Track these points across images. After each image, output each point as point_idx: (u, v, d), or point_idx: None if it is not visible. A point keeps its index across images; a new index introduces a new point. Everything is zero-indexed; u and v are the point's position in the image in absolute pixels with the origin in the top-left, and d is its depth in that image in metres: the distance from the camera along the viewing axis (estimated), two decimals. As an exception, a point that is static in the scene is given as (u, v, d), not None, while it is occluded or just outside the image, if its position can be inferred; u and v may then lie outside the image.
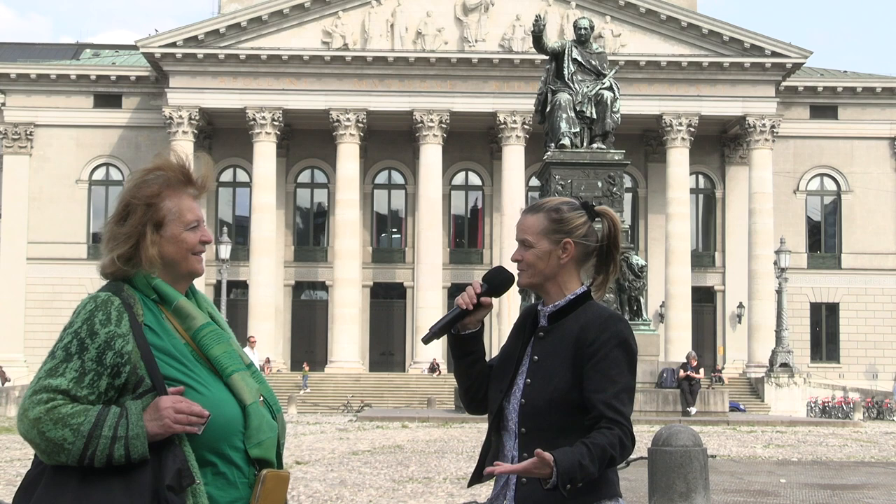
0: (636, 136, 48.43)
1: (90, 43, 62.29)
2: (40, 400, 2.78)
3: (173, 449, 2.81)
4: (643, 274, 25.72)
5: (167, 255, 3.00)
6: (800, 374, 42.87)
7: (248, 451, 2.94)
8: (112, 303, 2.89)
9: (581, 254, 3.37)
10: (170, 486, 2.77)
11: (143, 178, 3.03)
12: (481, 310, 3.37)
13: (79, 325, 2.86)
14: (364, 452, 16.04)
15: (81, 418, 2.76)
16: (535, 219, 3.36)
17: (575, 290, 3.36)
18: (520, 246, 3.38)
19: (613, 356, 3.20)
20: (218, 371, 2.97)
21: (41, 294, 48.80)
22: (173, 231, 3.00)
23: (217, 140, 50.23)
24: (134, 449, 2.76)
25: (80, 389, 2.80)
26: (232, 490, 2.91)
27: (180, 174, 3.05)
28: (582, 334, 3.24)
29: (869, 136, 51.06)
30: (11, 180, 49.46)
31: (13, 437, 19.25)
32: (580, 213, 3.37)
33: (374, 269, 49.59)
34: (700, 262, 50.19)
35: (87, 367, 2.81)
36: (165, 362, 2.90)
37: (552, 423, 3.20)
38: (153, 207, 2.99)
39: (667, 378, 25.67)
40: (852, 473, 14.09)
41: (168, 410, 2.79)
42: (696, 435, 8.09)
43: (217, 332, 3.02)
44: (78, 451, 2.75)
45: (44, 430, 2.76)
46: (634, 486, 11.33)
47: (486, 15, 47.36)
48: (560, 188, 26.02)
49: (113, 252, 2.98)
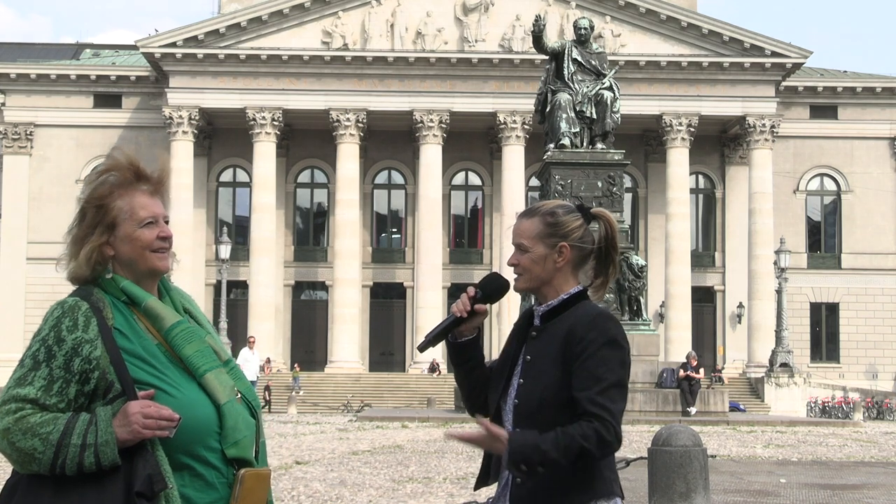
0: (636, 136, 48.43)
1: (90, 43, 62.30)
2: (9, 410, 2.75)
3: (144, 454, 2.78)
4: (643, 274, 25.72)
5: (123, 254, 2.97)
6: (800, 374, 42.88)
7: (224, 451, 2.89)
8: (79, 308, 2.86)
9: (577, 257, 3.38)
10: (139, 492, 2.74)
11: (96, 180, 2.99)
12: (476, 317, 3.38)
13: (46, 332, 2.83)
14: (364, 452, 16.04)
15: (50, 427, 2.73)
16: (531, 223, 3.36)
17: (569, 290, 3.36)
18: (516, 250, 3.38)
19: (601, 354, 3.18)
20: (191, 371, 2.92)
21: (41, 294, 48.75)
22: (126, 230, 2.96)
23: (217, 140, 50.23)
24: (104, 456, 2.73)
25: (48, 398, 2.77)
26: (211, 491, 2.88)
27: (130, 172, 2.99)
28: (570, 333, 3.23)
29: (869, 136, 51.07)
30: (11, 180, 49.47)
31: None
32: (576, 216, 3.38)
33: (374, 269, 49.59)
34: (700, 262, 50.19)
35: (56, 374, 2.78)
36: (136, 365, 2.86)
37: (545, 423, 3.18)
38: (103, 208, 2.96)
39: (667, 378, 25.66)
40: (852, 473, 14.09)
41: (136, 416, 2.75)
42: (696, 435, 8.09)
43: (189, 330, 2.96)
44: (48, 460, 2.72)
45: (14, 441, 2.73)
46: (634, 486, 11.34)
47: (486, 15, 47.36)
48: (560, 188, 26.02)
49: (71, 257, 2.97)
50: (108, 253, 2.96)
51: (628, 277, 25.30)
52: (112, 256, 2.97)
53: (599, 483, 3.21)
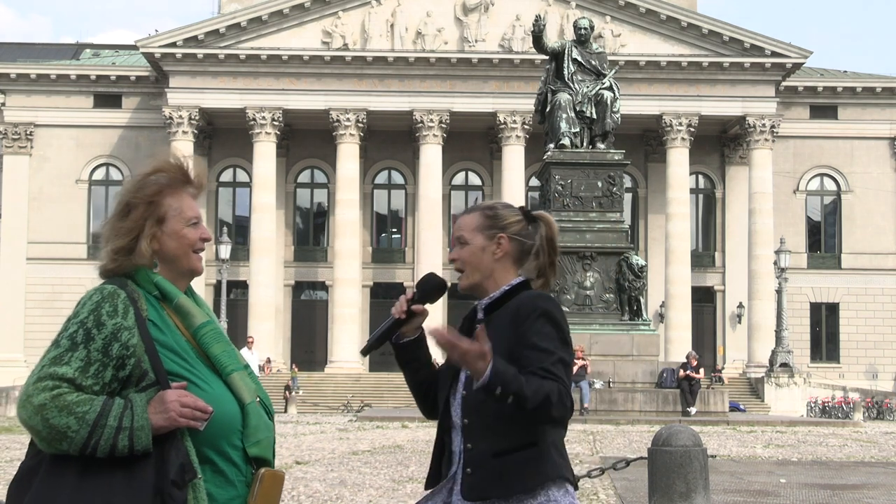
0: (636, 136, 48.43)
1: (90, 43, 62.29)
2: (45, 387, 2.76)
3: (176, 443, 2.82)
4: (643, 274, 25.73)
5: (169, 250, 3.02)
6: (800, 374, 42.88)
7: (246, 450, 2.94)
8: (118, 295, 2.89)
9: (517, 250, 3.41)
10: (173, 480, 2.78)
11: (144, 180, 3.04)
12: (416, 317, 3.42)
13: (85, 315, 2.86)
14: (364, 452, 16.04)
15: (87, 406, 2.75)
16: (471, 217, 3.43)
17: (510, 281, 3.40)
18: (456, 245, 3.44)
19: (545, 332, 3.23)
20: (217, 369, 2.97)
21: (41, 294, 48.79)
22: (174, 226, 3.01)
23: (217, 140, 50.23)
24: (138, 440, 2.76)
25: (85, 379, 2.79)
26: (230, 488, 2.92)
27: (180, 174, 3.07)
28: (514, 318, 3.27)
29: (869, 136, 51.06)
30: (11, 180, 49.46)
31: (13, 437, 19.25)
32: (515, 212, 3.43)
33: (374, 269, 49.59)
34: (700, 262, 50.19)
35: (93, 357, 2.81)
36: (168, 357, 2.91)
37: (494, 413, 3.20)
38: (154, 204, 3.01)
39: (667, 378, 25.67)
40: (852, 473, 14.09)
41: (174, 403, 2.79)
42: (696, 435, 8.09)
43: (217, 330, 3.03)
44: (81, 439, 2.74)
45: (48, 417, 2.74)
46: (634, 486, 11.34)
47: (486, 15, 47.36)
48: (560, 188, 26.05)
49: (113, 245, 2.98)
50: (154, 247, 3.00)
51: (628, 277, 25.31)
52: (156, 251, 3.01)
53: (550, 467, 3.24)
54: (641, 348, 25.61)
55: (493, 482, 3.20)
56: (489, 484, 3.21)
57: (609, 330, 25.52)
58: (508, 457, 3.21)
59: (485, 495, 3.21)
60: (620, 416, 24.07)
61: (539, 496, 3.22)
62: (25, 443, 10.72)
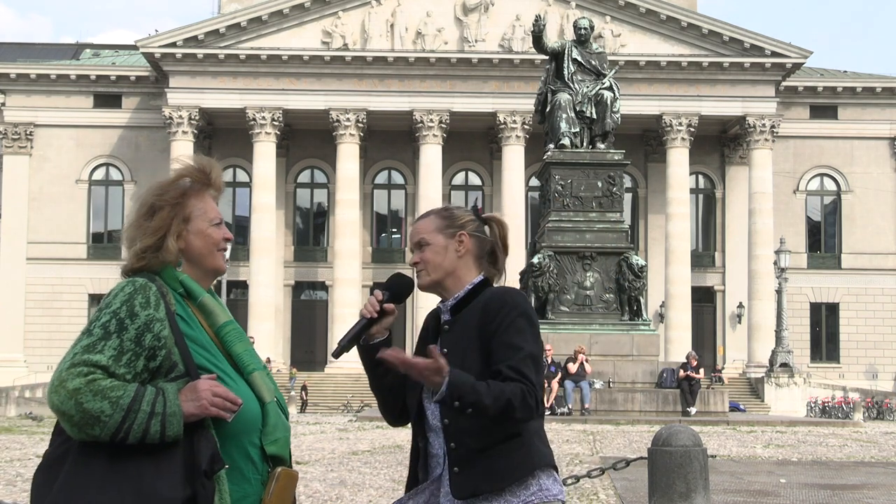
0: (636, 136, 48.44)
1: (90, 43, 62.28)
2: (80, 372, 2.79)
3: (205, 433, 2.86)
4: (643, 274, 25.70)
5: (195, 249, 3.09)
6: (800, 374, 42.88)
7: (263, 448, 2.99)
8: (150, 288, 2.94)
9: (477, 248, 3.47)
10: (205, 470, 2.82)
11: (169, 184, 3.12)
12: (386, 317, 3.46)
13: (118, 305, 2.89)
14: (364, 452, 16.04)
15: (121, 392, 2.78)
16: (427, 220, 3.50)
17: (473, 280, 3.45)
18: (415, 250, 3.50)
19: (516, 325, 3.26)
20: (239, 368, 3.04)
21: (41, 294, 48.80)
22: (200, 226, 3.09)
23: (217, 140, 50.23)
24: (170, 426, 2.80)
25: (118, 367, 2.83)
26: (245, 485, 2.96)
27: (203, 176, 3.14)
28: (484, 314, 3.31)
29: (869, 136, 51.07)
30: (11, 180, 49.46)
31: (13, 437, 19.24)
32: (468, 212, 3.50)
33: (374, 269, 49.56)
34: (700, 262, 50.19)
35: (126, 346, 2.85)
36: (196, 351, 2.97)
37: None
38: (180, 205, 3.08)
39: (667, 378, 25.65)
40: (852, 473, 14.08)
41: (206, 392, 2.84)
42: (696, 435, 8.08)
43: (239, 330, 3.12)
44: (115, 423, 2.76)
45: (82, 401, 2.76)
46: (634, 486, 11.34)
47: (486, 15, 47.37)
48: (560, 188, 26.04)
49: (141, 244, 3.03)
50: (180, 246, 3.07)
51: (628, 277, 25.29)
52: (181, 250, 3.08)
53: (537, 457, 3.30)
54: (641, 348, 25.60)
55: (483, 477, 3.24)
56: (479, 480, 3.24)
57: (609, 330, 25.51)
58: (494, 451, 3.25)
59: (476, 491, 3.24)
60: (620, 416, 24.06)
61: (531, 486, 3.27)
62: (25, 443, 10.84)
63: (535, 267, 25.11)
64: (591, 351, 25.33)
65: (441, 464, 3.34)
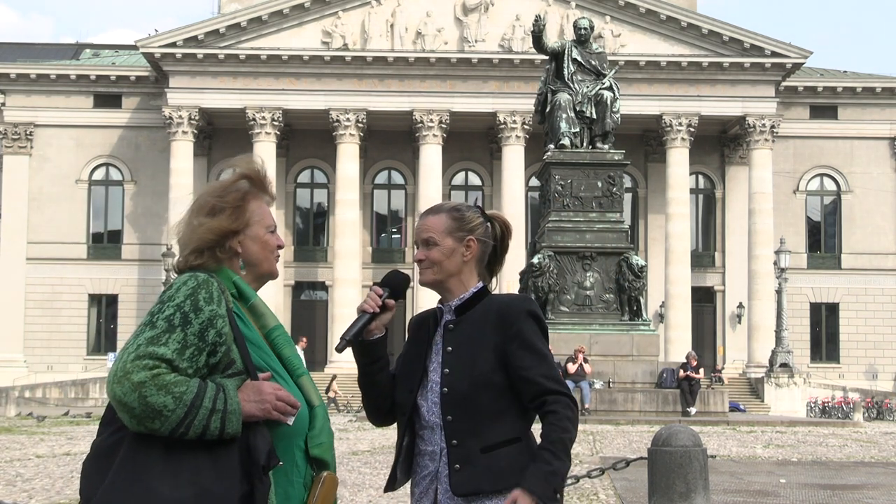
0: (636, 136, 48.43)
1: (90, 43, 62.27)
2: (145, 365, 2.77)
3: (261, 430, 2.87)
4: (643, 274, 25.70)
5: (252, 253, 3.11)
6: (800, 374, 42.87)
7: (308, 452, 3.01)
8: (212, 283, 2.95)
9: (481, 252, 3.51)
10: (263, 465, 2.83)
11: (230, 185, 3.14)
12: (386, 313, 3.49)
13: (181, 299, 2.88)
14: (364, 452, 16.04)
15: (184, 387, 2.78)
16: (438, 219, 3.49)
17: (475, 285, 3.49)
18: (422, 246, 3.51)
19: (534, 330, 3.35)
20: (289, 371, 3.06)
21: (41, 294, 48.79)
22: (258, 231, 3.12)
23: (217, 140, 50.22)
24: (230, 423, 2.80)
25: (182, 361, 2.82)
26: (288, 487, 2.97)
27: (262, 182, 3.19)
28: (501, 318, 3.36)
29: (869, 136, 51.06)
30: (11, 180, 49.45)
31: (13, 437, 19.24)
32: (477, 214, 3.52)
33: (374, 269, 49.53)
34: (700, 262, 50.19)
35: (189, 341, 2.84)
36: (252, 350, 2.98)
37: (478, 408, 3.29)
38: (240, 209, 3.09)
39: (667, 378, 25.65)
40: (852, 473, 14.08)
41: (270, 395, 2.86)
42: (696, 435, 8.09)
43: (286, 335, 3.12)
44: (177, 418, 2.76)
45: (146, 395, 2.75)
46: (634, 486, 11.34)
47: (485, 15, 47.36)
48: (560, 188, 26.04)
49: (196, 243, 3.04)
50: (237, 249, 3.09)
51: (628, 277, 25.29)
52: (238, 254, 3.10)
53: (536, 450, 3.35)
54: (641, 348, 25.60)
55: (484, 476, 3.26)
56: (480, 479, 3.26)
57: (609, 330, 25.51)
58: (496, 452, 3.28)
59: (476, 490, 3.27)
60: (620, 417, 24.06)
61: None
62: (25, 443, 10.85)
63: (535, 267, 25.11)
64: (591, 351, 25.33)
65: (436, 460, 3.35)
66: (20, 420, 28.94)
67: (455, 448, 3.30)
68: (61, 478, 12.23)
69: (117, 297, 48.77)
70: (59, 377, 45.36)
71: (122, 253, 49.34)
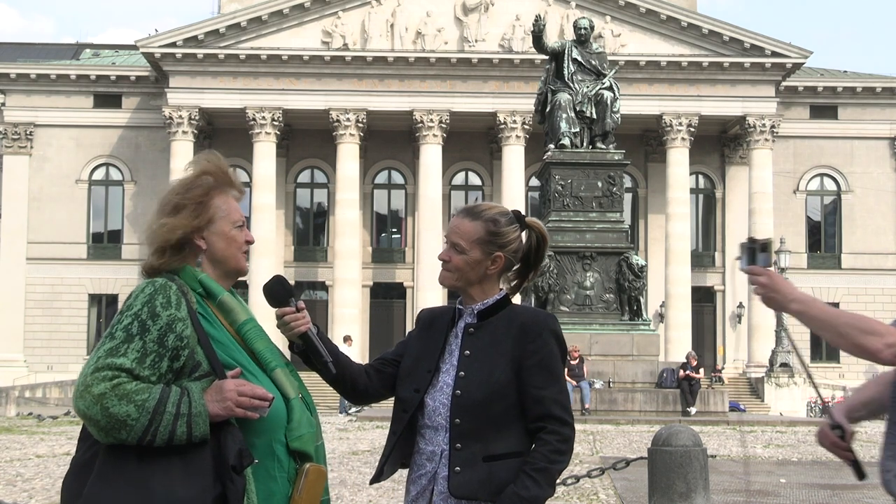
0: (636, 136, 48.43)
1: (90, 43, 62.29)
2: (105, 377, 2.77)
3: (231, 429, 2.85)
4: (643, 274, 25.70)
5: (217, 250, 3.09)
6: (800, 374, 42.88)
7: (288, 445, 2.98)
8: (170, 287, 2.93)
9: (507, 266, 3.47)
10: (233, 465, 2.81)
11: (192, 182, 3.09)
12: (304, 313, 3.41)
13: (139, 307, 2.87)
14: (364, 452, 16.03)
15: (146, 395, 2.77)
16: (473, 226, 3.43)
17: (498, 292, 3.47)
18: (449, 247, 3.45)
19: (554, 352, 3.34)
20: (262, 364, 3.03)
21: (41, 294, 48.79)
22: (223, 227, 3.08)
23: (217, 140, 50.20)
24: (196, 426, 2.79)
25: (142, 370, 2.81)
26: (271, 483, 2.94)
27: (226, 176, 3.14)
28: (524, 332, 3.34)
29: (869, 136, 51.06)
30: (11, 180, 49.45)
31: (13, 437, 19.24)
32: (515, 227, 3.46)
33: (374, 269, 49.60)
34: (700, 262, 50.19)
35: (149, 348, 2.83)
36: (219, 349, 2.95)
37: (489, 416, 3.27)
38: (203, 205, 3.06)
39: (667, 378, 25.65)
40: (852, 473, 14.07)
41: (231, 393, 2.83)
42: (696, 435, 8.09)
43: (259, 327, 3.09)
44: (141, 427, 2.75)
45: (108, 406, 2.75)
46: (634, 486, 11.34)
47: (486, 15, 47.35)
48: (560, 188, 26.03)
49: (159, 242, 3.01)
50: (202, 246, 3.06)
51: (628, 277, 25.29)
52: (203, 251, 3.07)
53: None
54: (641, 348, 25.60)
55: (483, 484, 3.26)
56: (478, 486, 3.26)
57: (609, 330, 25.51)
58: (497, 463, 3.27)
59: (473, 495, 3.26)
60: (620, 416, 24.06)
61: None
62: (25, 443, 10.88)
63: (535, 267, 25.07)
64: (592, 351, 25.33)
65: (435, 461, 3.34)
66: (20, 420, 28.93)
67: (458, 452, 3.29)
68: (61, 477, 12.21)
69: (117, 297, 48.74)
70: (59, 377, 45.33)
71: (122, 253, 49.33)
